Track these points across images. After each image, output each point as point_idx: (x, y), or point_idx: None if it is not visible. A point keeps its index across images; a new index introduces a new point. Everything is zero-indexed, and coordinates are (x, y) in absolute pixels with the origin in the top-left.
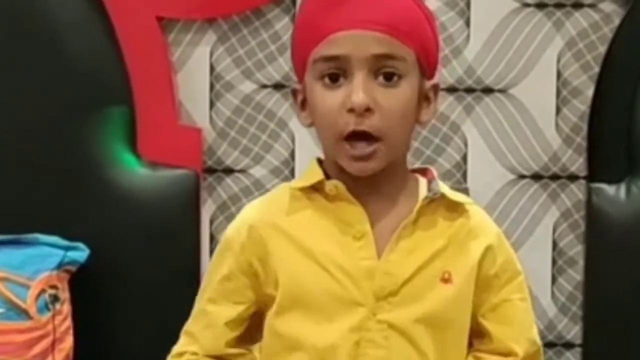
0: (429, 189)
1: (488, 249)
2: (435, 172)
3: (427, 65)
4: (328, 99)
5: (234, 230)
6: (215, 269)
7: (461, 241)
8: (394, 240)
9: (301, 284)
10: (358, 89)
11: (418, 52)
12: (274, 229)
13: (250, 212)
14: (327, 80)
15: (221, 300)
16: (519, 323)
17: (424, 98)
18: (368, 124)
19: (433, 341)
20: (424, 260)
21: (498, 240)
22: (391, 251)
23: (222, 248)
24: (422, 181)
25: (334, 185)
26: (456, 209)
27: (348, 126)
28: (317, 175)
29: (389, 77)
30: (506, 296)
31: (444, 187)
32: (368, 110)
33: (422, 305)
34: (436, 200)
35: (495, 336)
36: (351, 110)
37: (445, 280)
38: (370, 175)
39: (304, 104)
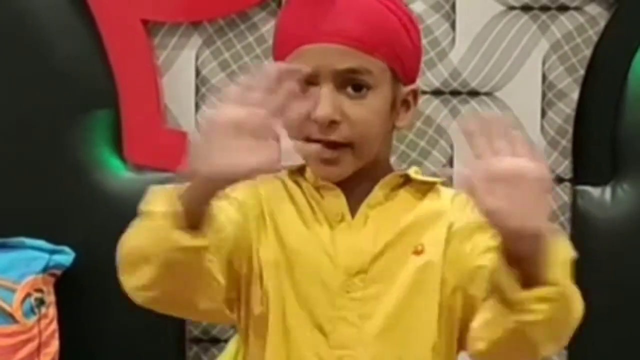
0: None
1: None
2: (412, 169)
3: (402, 72)
4: (296, 107)
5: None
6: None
7: (430, 218)
8: (361, 218)
9: (280, 275)
10: (324, 102)
11: (390, 62)
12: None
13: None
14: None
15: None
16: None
17: (401, 103)
18: (335, 135)
19: (405, 316)
20: (393, 235)
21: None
22: (360, 229)
23: None
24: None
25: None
26: (426, 189)
27: (314, 134)
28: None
29: (358, 89)
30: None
31: (412, 173)
32: (334, 122)
33: (393, 281)
34: (407, 184)
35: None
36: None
37: (418, 252)
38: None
39: None
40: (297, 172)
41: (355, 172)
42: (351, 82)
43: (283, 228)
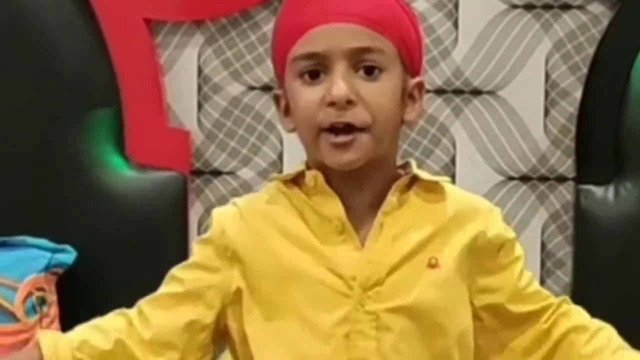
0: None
1: (478, 235)
2: (413, 163)
3: (409, 61)
4: (308, 94)
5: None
6: None
7: (447, 228)
8: (377, 228)
9: (285, 293)
10: (338, 82)
11: (397, 44)
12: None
13: (239, 202)
14: (307, 77)
15: None
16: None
17: (408, 96)
18: (351, 117)
19: (422, 330)
20: (410, 248)
21: (486, 222)
22: (375, 240)
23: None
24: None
25: (313, 176)
26: (434, 190)
27: (328, 118)
28: (300, 168)
29: (370, 71)
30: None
31: (419, 172)
32: (350, 102)
33: (410, 294)
34: (415, 185)
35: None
36: (332, 104)
37: (432, 265)
38: (353, 169)
39: (287, 109)
40: (291, 182)
41: (360, 169)
42: (363, 63)
43: (280, 249)
